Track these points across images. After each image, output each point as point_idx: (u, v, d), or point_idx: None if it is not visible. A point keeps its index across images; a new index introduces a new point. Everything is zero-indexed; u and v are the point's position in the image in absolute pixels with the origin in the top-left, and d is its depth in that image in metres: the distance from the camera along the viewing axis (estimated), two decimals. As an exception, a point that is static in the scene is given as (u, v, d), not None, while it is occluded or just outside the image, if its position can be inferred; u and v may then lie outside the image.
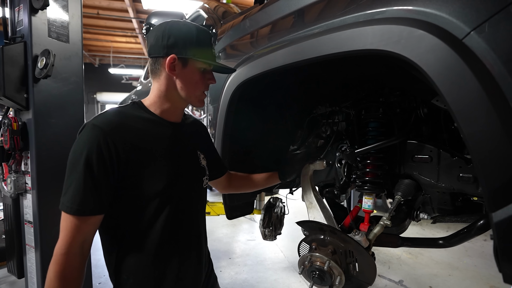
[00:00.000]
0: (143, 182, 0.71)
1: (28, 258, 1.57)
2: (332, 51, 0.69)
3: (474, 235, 0.91)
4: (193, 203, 0.85)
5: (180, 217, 0.79)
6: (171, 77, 0.77)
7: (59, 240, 0.66)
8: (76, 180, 0.65)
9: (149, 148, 0.73)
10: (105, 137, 0.66)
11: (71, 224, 0.65)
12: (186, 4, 4.40)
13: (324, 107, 1.24)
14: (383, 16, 0.60)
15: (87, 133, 0.67)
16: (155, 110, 0.80)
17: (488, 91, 0.46)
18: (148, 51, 0.79)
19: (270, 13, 1.05)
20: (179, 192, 0.78)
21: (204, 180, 0.89)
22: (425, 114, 0.99)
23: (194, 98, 0.81)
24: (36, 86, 1.47)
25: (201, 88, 0.81)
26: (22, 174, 1.56)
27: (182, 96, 0.79)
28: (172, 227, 0.77)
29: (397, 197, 1.01)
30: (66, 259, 0.65)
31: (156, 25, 0.86)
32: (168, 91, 0.79)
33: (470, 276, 2.55)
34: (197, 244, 0.86)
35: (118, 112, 0.75)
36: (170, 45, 0.74)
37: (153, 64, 0.79)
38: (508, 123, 0.45)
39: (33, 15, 1.46)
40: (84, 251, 0.68)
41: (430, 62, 0.51)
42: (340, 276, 0.90)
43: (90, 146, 0.66)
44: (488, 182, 0.48)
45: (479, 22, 0.46)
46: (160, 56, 0.76)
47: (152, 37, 0.77)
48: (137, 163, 0.70)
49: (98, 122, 0.69)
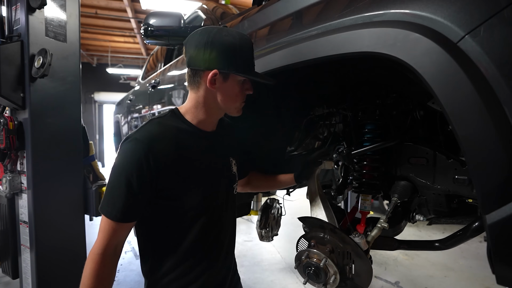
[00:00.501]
0: (181, 193, 0.74)
1: (23, 258, 1.56)
2: (329, 53, 0.70)
3: (470, 237, 0.92)
4: (226, 211, 0.86)
5: (213, 226, 0.81)
6: (210, 90, 0.77)
7: (97, 241, 0.71)
8: (117, 190, 0.69)
9: (187, 160, 0.75)
10: (147, 152, 0.69)
11: (109, 227, 0.70)
12: (185, 5, 4.40)
13: (322, 108, 1.25)
14: (380, 19, 0.60)
15: (130, 147, 0.71)
16: (191, 119, 0.80)
17: (482, 94, 0.46)
18: (187, 62, 0.78)
19: (268, 14, 1.06)
20: (214, 202, 0.81)
21: (235, 187, 0.90)
22: (421, 116, 1.00)
23: (234, 110, 0.82)
24: (32, 85, 1.46)
25: (240, 99, 0.81)
26: (17, 173, 1.55)
27: (221, 107, 0.80)
28: (204, 235, 0.79)
29: (393, 199, 1.02)
30: (101, 259, 0.69)
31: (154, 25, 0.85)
32: (206, 103, 0.79)
33: (465, 278, 2.57)
34: (228, 249, 0.88)
35: (158, 124, 0.76)
36: (212, 59, 0.73)
37: (192, 76, 0.78)
38: (501, 126, 0.45)
39: (30, 14, 1.45)
40: (117, 252, 0.73)
41: (425, 65, 0.52)
42: (335, 275, 0.91)
43: (131, 160, 0.69)
44: (482, 184, 0.48)
45: (473, 26, 0.46)
46: (201, 69, 0.75)
47: (192, 47, 0.76)
48: (177, 175, 0.73)
49: (141, 136, 0.71)
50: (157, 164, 0.69)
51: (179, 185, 0.73)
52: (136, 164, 0.68)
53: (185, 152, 0.75)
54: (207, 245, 0.81)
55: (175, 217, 0.77)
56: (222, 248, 0.86)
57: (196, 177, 0.76)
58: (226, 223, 0.87)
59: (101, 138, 10.05)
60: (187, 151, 0.76)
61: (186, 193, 0.74)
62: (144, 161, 0.68)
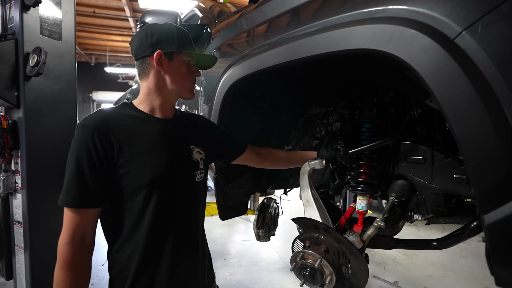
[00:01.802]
0: (130, 175, 0.75)
1: (17, 259, 1.55)
2: (324, 50, 0.68)
3: (468, 236, 0.91)
4: (184, 197, 0.84)
5: (169, 210, 0.80)
6: (159, 72, 0.81)
7: (61, 233, 0.72)
8: (69, 176, 0.71)
9: (135, 143, 0.76)
10: (92, 135, 0.71)
11: (68, 216, 0.71)
12: (182, 3, 4.38)
13: (319, 107, 1.23)
14: (376, 16, 0.59)
15: (77, 132, 0.73)
16: (144, 108, 0.84)
17: (479, 92, 0.45)
18: (134, 54, 0.83)
19: (264, 12, 1.04)
20: (165, 185, 0.79)
21: (196, 174, 0.88)
22: (419, 115, 0.99)
23: (185, 90, 0.85)
24: (27, 84, 1.45)
25: (189, 79, 0.84)
26: (12, 173, 1.53)
27: (173, 89, 0.83)
28: (161, 220, 0.78)
29: (391, 198, 1.01)
30: (67, 249, 0.70)
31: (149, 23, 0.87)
32: (158, 87, 0.82)
33: (464, 277, 2.56)
34: (190, 238, 0.85)
35: (106, 111, 0.79)
36: (154, 42, 0.79)
37: (141, 65, 0.82)
38: (499, 124, 0.44)
39: (25, 12, 1.43)
40: (85, 243, 0.73)
41: (422, 61, 0.50)
42: (331, 276, 0.90)
43: (79, 144, 0.71)
44: (480, 183, 0.47)
45: (470, 22, 0.45)
46: (147, 55, 0.80)
47: (135, 40, 0.82)
48: (124, 158, 0.74)
49: (86, 121, 0.74)
50: (103, 146, 0.71)
51: (127, 166, 0.74)
52: (84, 148, 0.70)
53: (132, 134, 0.77)
54: (165, 232, 0.79)
55: (129, 202, 0.76)
56: (181, 238, 0.82)
57: (144, 159, 0.76)
58: (187, 211, 0.85)
59: (100, 137, 10.01)
60: (134, 134, 0.77)
61: (135, 173, 0.74)
62: (91, 143, 0.70)
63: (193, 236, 0.87)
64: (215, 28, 1.54)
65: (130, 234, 0.77)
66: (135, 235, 0.77)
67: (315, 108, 1.25)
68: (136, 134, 0.78)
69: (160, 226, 0.78)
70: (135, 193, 0.75)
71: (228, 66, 1.13)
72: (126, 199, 0.76)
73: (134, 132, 0.77)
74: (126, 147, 0.74)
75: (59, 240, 0.71)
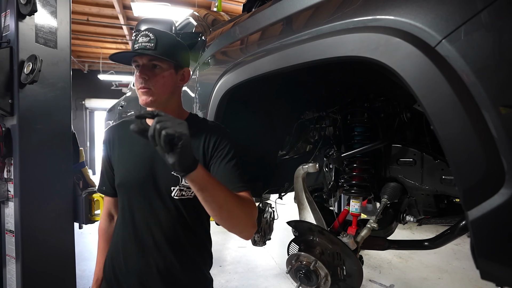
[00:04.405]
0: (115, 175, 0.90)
1: (8, 269, 1.51)
2: (315, 57, 0.72)
3: (457, 235, 0.93)
4: (152, 208, 0.82)
5: (130, 215, 0.85)
6: None
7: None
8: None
9: (123, 148, 0.89)
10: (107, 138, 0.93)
11: (103, 199, 1.00)
12: (176, 12, 4.43)
13: (312, 112, 1.27)
14: (363, 25, 0.63)
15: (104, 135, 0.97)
16: None
17: (459, 96, 0.48)
18: None
19: (258, 20, 1.08)
20: (132, 190, 0.85)
21: (172, 190, 0.81)
22: (408, 118, 1.03)
23: (139, 95, 0.82)
24: (21, 91, 1.44)
25: (136, 84, 0.82)
26: (4, 181, 1.51)
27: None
28: (124, 223, 0.87)
29: (383, 200, 1.04)
30: (100, 223, 1.00)
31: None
32: None
33: (459, 279, 2.59)
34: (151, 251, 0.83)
35: (123, 119, 0.98)
36: None
37: None
38: (479, 126, 0.47)
39: (20, 20, 1.44)
40: (109, 218, 0.99)
41: (406, 68, 0.54)
42: (326, 277, 0.91)
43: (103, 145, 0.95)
44: (463, 182, 0.50)
45: (449, 31, 0.49)
46: None
47: None
48: (114, 159, 0.90)
49: (108, 127, 0.95)
50: (109, 149, 0.91)
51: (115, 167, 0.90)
52: (103, 148, 0.93)
53: (124, 139, 0.90)
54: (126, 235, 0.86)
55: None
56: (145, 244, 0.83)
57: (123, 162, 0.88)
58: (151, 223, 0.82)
59: (92, 145, 9.90)
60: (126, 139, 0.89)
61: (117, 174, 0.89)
62: (106, 145, 0.92)
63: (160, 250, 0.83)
64: (210, 36, 1.57)
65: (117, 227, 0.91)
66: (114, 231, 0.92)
67: (308, 113, 1.28)
68: (127, 140, 0.89)
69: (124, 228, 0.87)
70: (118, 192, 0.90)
71: (223, 73, 1.15)
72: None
73: (126, 138, 0.90)
74: (116, 150, 0.90)
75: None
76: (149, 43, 0.77)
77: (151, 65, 0.79)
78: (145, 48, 0.77)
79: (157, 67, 0.80)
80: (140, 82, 0.79)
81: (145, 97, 0.79)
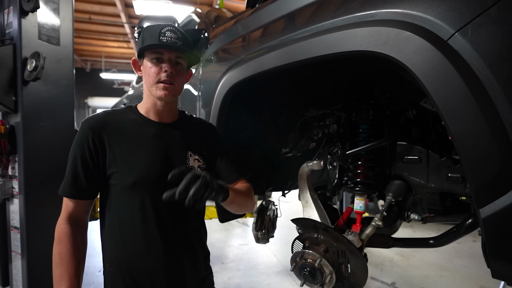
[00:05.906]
0: (118, 175, 0.79)
1: (14, 265, 1.52)
2: (322, 52, 0.70)
3: (463, 233, 0.92)
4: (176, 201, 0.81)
5: (153, 213, 0.80)
6: (141, 77, 0.86)
7: (59, 216, 0.80)
8: (67, 169, 0.79)
9: (126, 145, 0.80)
10: (87, 135, 0.77)
11: (64, 203, 0.80)
12: (179, 9, 4.41)
13: (316, 110, 1.25)
14: (372, 19, 0.62)
15: (78, 131, 0.80)
16: (141, 110, 0.87)
17: (473, 90, 0.47)
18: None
19: (261, 16, 1.07)
20: (152, 188, 0.79)
21: None
22: (414, 116, 1.01)
23: (154, 89, 0.80)
24: (25, 88, 1.44)
25: (153, 76, 0.80)
26: (9, 178, 1.52)
27: (148, 89, 0.83)
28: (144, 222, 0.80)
29: (388, 198, 1.03)
30: (61, 228, 0.78)
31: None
32: (144, 90, 0.86)
33: (460, 277, 2.59)
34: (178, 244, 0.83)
35: (107, 112, 0.85)
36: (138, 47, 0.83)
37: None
38: (493, 121, 0.46)
39: (23, 17, 1.44)
40: (78, 225, 0.81)
41: (417, 62, 0.53)
42: (331, 275, 0.90)
43: (76, 141, 0.79)
44: (475, 178, 0.49)
45: (462, 24, 0.48)
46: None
47: None
48: (114, 158, 0.79)
49: (86, 121, 0.80)
50: (97, 146, 0.77)
51: (118, 165, 0.79)
52: (79, 146, 0.78)
53: (127, 135, 0.81)
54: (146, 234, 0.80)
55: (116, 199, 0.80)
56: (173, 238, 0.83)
57: (134, 159, 0.79)
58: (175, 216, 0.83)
59: (95, 143, 9.93)
60: (129, 135, 0.81)
61: (123, 173, 0.78)
62: (85, 143, 0.77)
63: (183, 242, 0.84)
64: (213, 33, 1.56)
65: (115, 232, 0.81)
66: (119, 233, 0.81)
67: (312, 110, 1.27)
68: (129, 136, 0.81)
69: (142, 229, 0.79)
70: (122, 192, 0.80)
71: (227, 70, 1.14)
72: (115, 197, 0.80)
73: (127, 134, 0.81)
74: (117, 148, 0.79)
75: (56, 223, 0.79)
76: (178, 40, 0.79)
77: (175, 61, 0.81)
78: (175, 44, 0.79)
79: (179, 65, 0.82)
80: (165, 75, 0.79)
81: (166, 91, 0.80)
